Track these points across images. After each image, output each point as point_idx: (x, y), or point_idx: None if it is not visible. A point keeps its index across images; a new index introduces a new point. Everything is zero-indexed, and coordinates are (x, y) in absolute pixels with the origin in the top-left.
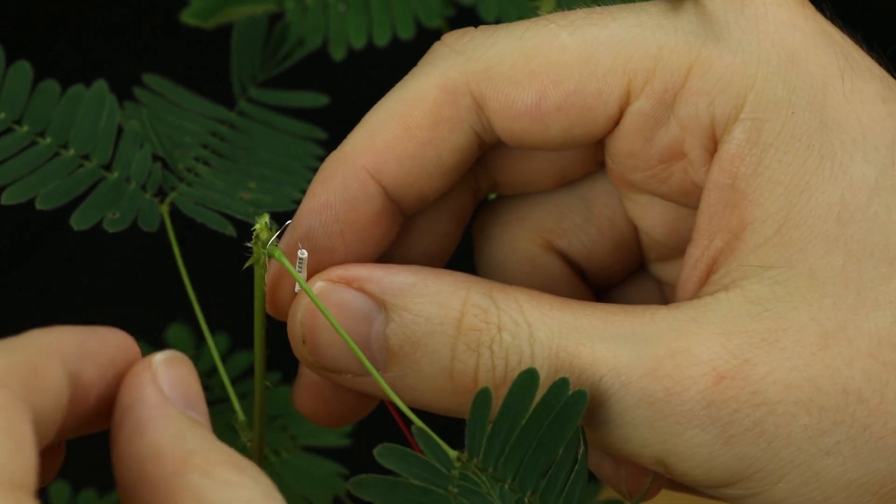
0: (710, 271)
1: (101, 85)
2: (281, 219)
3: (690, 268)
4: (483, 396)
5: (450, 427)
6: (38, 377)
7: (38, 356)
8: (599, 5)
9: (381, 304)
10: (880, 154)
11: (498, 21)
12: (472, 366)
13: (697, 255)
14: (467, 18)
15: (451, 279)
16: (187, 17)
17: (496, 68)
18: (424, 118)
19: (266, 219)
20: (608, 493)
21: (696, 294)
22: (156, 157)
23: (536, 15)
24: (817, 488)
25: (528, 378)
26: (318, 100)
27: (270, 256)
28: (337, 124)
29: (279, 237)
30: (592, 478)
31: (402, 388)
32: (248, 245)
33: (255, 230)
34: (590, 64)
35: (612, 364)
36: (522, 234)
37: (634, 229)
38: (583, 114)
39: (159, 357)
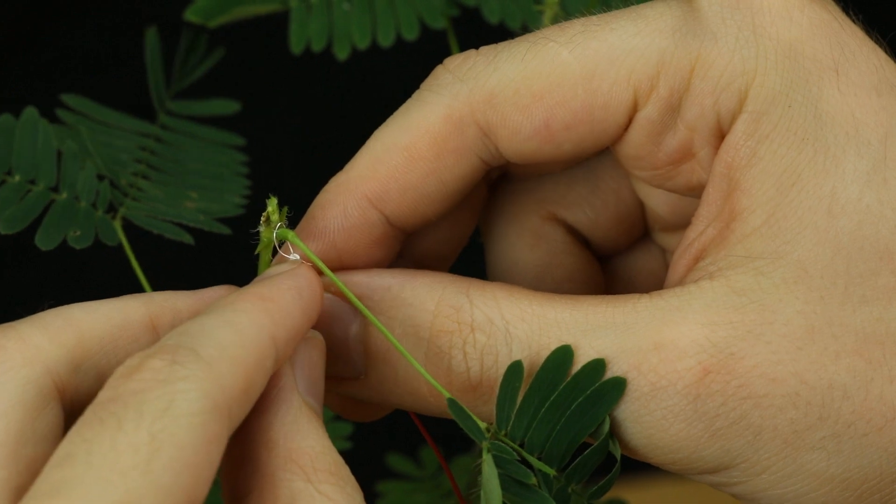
0: (699, 257)
1: (30, 111)
2: (228, 224)
3: (682, 250)
4: (514, 369)
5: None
6: (251, 390)
7: (260, 366)
8: (603, 6)
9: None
10: (872, 148)
11: (501, 23)
12: (444, 368)
13: (691, 239)
14: (471, 19)
15: (427, 281)
16: (190, 16)
17: (500, 96)
18: (429, 149)
19: (276, 201)
20: (609, 493)
21: (683, 279)
22: (100, 176)
23: (540, 17)
24: (799, 481)
25: (562, 354)
26: (230, 107)
27: (281, 240)
28: (252, 128)
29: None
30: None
31: (383, 390)
32: (256, 231)
33: (265, 213)
34: (594, 79)
35: (594, 359)
36: (528, 206)
37: (639, 202)
38: (592, 128)
39: None
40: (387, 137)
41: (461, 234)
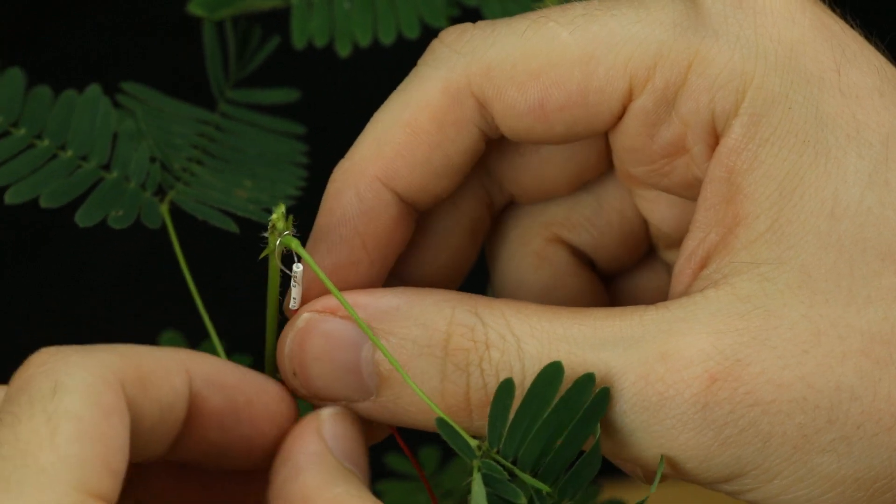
0: (703, 265)
1: (95, 88)
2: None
3: (685, 259)
4: (505, 387)
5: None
6: (149, 384)
7: (159, 367)
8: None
9: None
10: (874, 150)
11: None
12: (463, 385)
13: (693, 247)
14: (471, 19)
15: (435, 299)
16: (193, 8)
17: (497, 69)
18: (430, 123)
19: (283, 209)
20: (609, 492)
21: (688, 288)
22: (152, 158)
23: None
24: (811, 485)
25: (553, 371)
26: (290, 95)
27: (286, 247)
28: (315, 117)
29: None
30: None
31: (396, 410)
32: (264, 235)
33: (271, 220)
34: (591, 63)
35: (603, 372)
36: (532, 229)
37: (643, 220)
38: (586, 112)
39: (327, 411)
40: (387, 116)
41: (463, 262)
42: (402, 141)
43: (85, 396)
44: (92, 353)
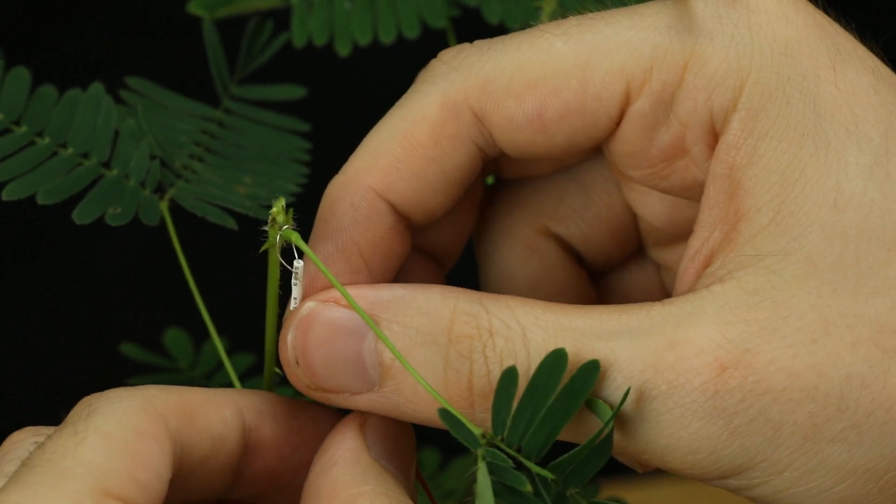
0: (707, 263)
1: (97, 87)
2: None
3: (689, 259)
4: (509, 375)
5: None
6: (197, 417)
7: (206, 400)
8: (599, 5)
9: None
10: (874, 143)
11: (501, 23)
12: (466, 373)
13: (697, 246)
14: (472, 19)
15: (439, 290)
16: (194, 8)
17: (494, 83)
18: (426, 136)
19: (283, 202)
20: (608, 492)
21: (693, 286)
22: (153, 156)
23: (538, 13)
24: (822, 476)
25: (556, 358)
26: (296, 92)
27: (287, 241)
28: (317, 115)
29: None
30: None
31: (399, 402)
32: (264, 229)
33: (271, 213)
34: (587, 70)
35: (611, 361)
36: (521, 219)
37: (633, 215)
38: (584, 120)
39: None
40: (384, 130)
41: (463, 227)
42: (397, 153)
43: (117, 419)
44: (135, 388)
